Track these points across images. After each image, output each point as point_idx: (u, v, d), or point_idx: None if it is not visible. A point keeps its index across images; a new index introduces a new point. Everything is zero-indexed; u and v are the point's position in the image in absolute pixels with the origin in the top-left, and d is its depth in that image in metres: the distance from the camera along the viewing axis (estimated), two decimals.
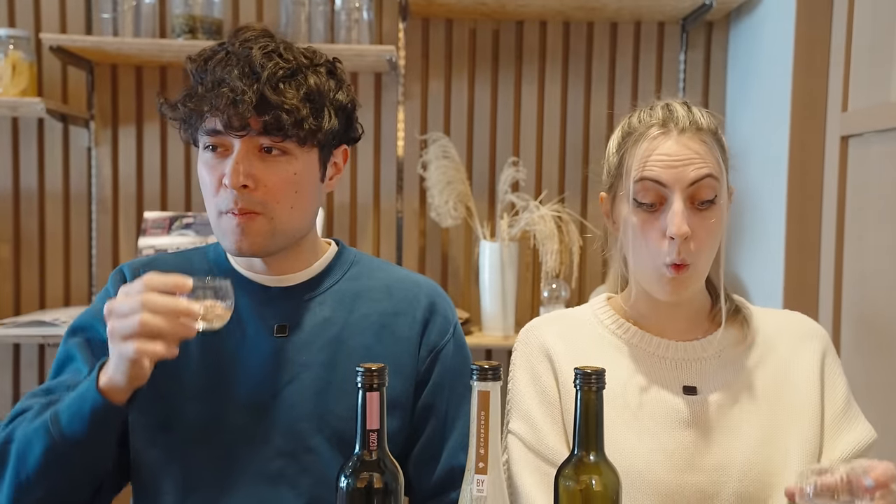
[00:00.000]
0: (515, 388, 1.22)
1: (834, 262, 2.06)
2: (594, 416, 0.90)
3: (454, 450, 1.23)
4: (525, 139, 2.74)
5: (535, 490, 1.14)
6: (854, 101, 2.03)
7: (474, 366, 0.87)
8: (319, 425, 1.18)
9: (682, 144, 1.12)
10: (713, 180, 1.11)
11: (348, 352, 1.21)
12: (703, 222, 1.12)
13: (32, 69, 2.48)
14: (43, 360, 2.70)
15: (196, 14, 2.45)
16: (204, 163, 1.16)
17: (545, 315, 1.29)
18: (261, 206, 1.13)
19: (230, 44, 1.15)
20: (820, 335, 1.24)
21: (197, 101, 1.12)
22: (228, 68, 1.11)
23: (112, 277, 1.27)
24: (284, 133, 1.11)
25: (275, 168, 1.14)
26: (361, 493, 0.90)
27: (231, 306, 1.06)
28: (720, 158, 1.14)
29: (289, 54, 1.14)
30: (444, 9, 2.59)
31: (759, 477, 1.12)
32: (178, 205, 2.71)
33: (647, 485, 1.12)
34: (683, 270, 1.12)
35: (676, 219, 1.09)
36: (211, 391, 1.18)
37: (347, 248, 1.32)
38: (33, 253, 2.70)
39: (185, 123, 1.17)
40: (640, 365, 1.19)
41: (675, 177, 1.11)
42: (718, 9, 2.50)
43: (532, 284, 2.75)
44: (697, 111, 1.17)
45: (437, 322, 1.26)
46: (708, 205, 1.12)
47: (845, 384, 1.21)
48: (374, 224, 2.74)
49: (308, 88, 1.13)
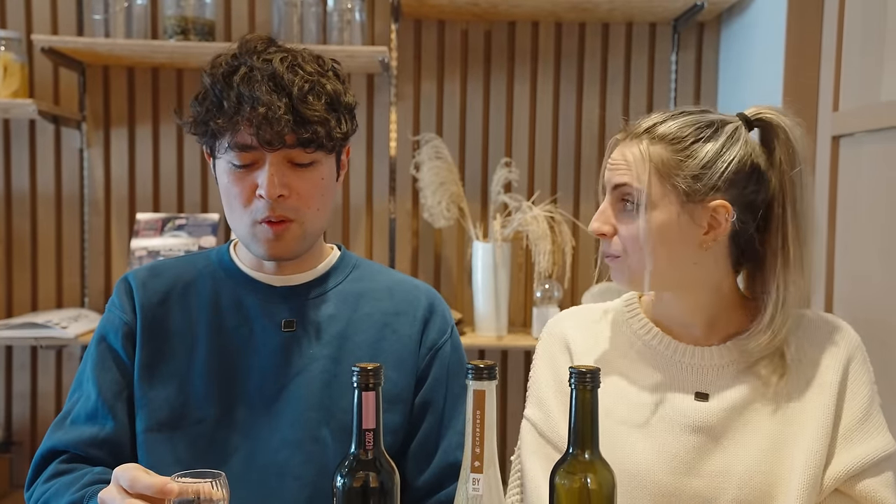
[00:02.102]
0: (535, 375, 1.26)
1: (825, 261, 2.06)
2: (589, 414, 0.91)
3: (450, 446, 1.26)
4: (517, 140, 2.74)
5: (542, 476, 1.14)
6: (845, 102, 2.04)
7: (470, 365, 0.88)
8: (326, 417, 1.21)
9: (621, 150, 1.16)
10: (628, 188, 1.14)
11: (353, 347, 1.25)
12: (625, 223, 1.15)
13: (24, 70, 2.47)
14: (35, 362, 2.69)
15: (188, 15, 2.45)
16: (230, 175, 1.19)
17: (575, 307, 1.33)
18: (293, 213, 1.18)
19: (248, 58, 1.16)
20: (847, 338, 1.19)
21: (227, 117, 1.14)
22: (257, 84, 1.13)
23: (117, 288, 1.30)
24: (318, 145, 1.16)
25: (306, 176, 1.18)
26: (357, 492, 0.91)
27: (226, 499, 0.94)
28: (645, 168, 1.12)
29: (307, 65, 1.18)
30: (436, 10, 2.59)
31: (759, 486, 1.11)
32: (170, 206, 2.71)
33: (647, 486, 1.12)
34: (612, 261, 1.18)
35: (595, 216, 1.18)
36: (220, 388, 1.22)
37: (349, 253, 1.37)
38: (25, 255, 2.70)
39: (211, 140, 1.19)
40: (655, 366, 1.19)
41: (606, 179, 1.18)
42: (710, 9, 2.51)
43: (525, 285, 2.75)
44: (672, 122, 1.14)
45: (437, 322, 1.31)
46: (630, 208, 1.14)
47: (868, 393, 1.16)
48: (366, 225, 2.74)
49: (328, 97, 1.17)
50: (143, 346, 1.23)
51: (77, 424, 1.22)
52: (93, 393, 1.22)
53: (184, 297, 1.26)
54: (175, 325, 1.25)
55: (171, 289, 1.27)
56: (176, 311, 1.25)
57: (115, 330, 1.25)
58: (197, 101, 1.19)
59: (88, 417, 1.22)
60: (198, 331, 1.24)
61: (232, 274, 1.28)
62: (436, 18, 2.71)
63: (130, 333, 1.24)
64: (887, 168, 1.82)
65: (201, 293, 1.26)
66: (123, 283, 1.29)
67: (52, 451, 1.22)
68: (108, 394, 1.22)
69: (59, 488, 1.15)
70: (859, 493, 1.11)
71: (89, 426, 1.21)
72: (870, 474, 1.11)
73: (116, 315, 1.26)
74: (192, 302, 1.26)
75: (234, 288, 1.26)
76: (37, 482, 1.20)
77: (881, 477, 1.12)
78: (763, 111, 1.16)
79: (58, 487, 1.15)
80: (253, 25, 2.69)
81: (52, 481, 1.18)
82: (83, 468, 1.18)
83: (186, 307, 1.26)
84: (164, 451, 1.20)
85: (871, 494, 1.10)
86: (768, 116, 1.15)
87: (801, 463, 1.11)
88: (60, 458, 1.21)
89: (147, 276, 1.28)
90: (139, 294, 1.26)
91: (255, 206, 1.18)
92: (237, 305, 1.25)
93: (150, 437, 1.21)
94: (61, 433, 1.22)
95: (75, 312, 2.56)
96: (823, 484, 1.11)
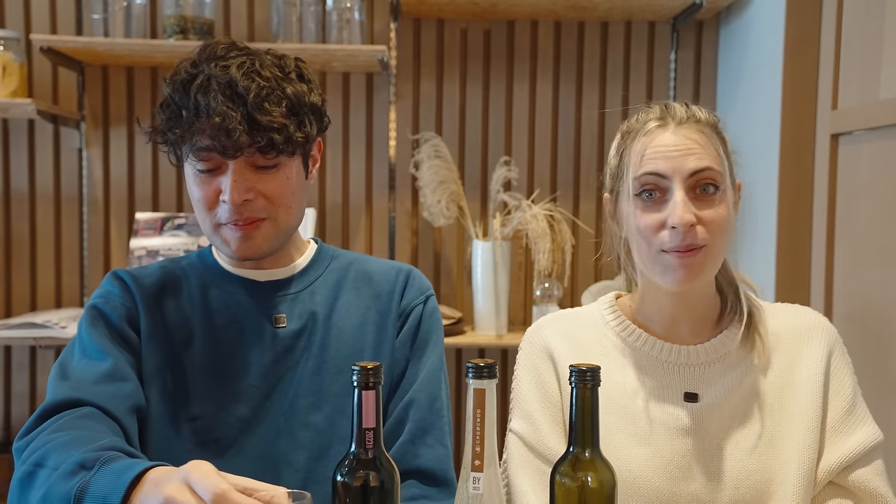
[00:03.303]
0: (518, 387, 1.22)
1: (825, 259, 2.07)
2: (590, 412, 0.90)
3: (416, 386, 1.26)
4: (517, 138, 2.74)
5: (532, 491, 1.14)
6: (844, 100, 2.04)
7: (469, 363, 0.88)
8: (318, 402, 1.23)
9: (680, 135, 1.11)
10: (714, 172, 1.10)
11: (338, 332, 1.27)
12: (709, 209, 1.10)
13: (23, 70, 2.47)
14: (34, 362, 2.69)
15: (187, 14, 2.44)
16: (195, 180, 1.20)
17: (552, 314, 1.29)
18: (264, 212, 1.19)
19: (206, 66, 1.16)
20: (827, 331, 1.20)
21: (184, 127, 1.15)
22: (213, 93, 1.13)
23: (110, 281, 1.26)
24: (277, 150, 1.16)
25: (270, 178, 1.19)
26: (358, 491, 0.91)
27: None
28: (721, 150, 1.13)
29: (265, 70, 1.17)
30: (435, 9, 2.59)
31: (755, 484, 1.11)
32: (169, 205, 2.71)
33: (643, 492, 1.12)
34: (693, 255, 1.09)
35: (678, 209, 1.07)
36: (216, 385, 1.22)
37: (326, 245, 1.39)
38: (24, 255, 2.70)
39: (173, 147, 1.20)
40: (642, 369, 1.18)
41: (674, 167, 1.09)
42: (709, 8, 2.51)
43: (524, 283, 2.75)
44: (696, 107, 1.16)
45: (411, 292, 1.33)
46: (713, 193, 1.10)
47: (852, 384, 1.17)
48: (366, 224, 2.74)
49: (289, 101, 1.17)
50: (146, 338, 1.22)
51: (91, 381, 1.12)
52: (107, 359, 1.16)
53: (175, 295, 1.27)
54: (170, 321, 1.24)
55: (162, 286, 1.27)
56: (170, 307, 1.25)
57: (118, 315, 1.21)
58: (161, 109, 1.19)
59: (107, 375, 1.14)
60: (193, 327, 1.24)
61: (217, 272, 1.29)
62: (435, 17, 2.71)
63: (133, 320, 1.23)
64: (886, 166, 1.82)
65: (191, 291, 1.27)
66: (115, 277, 1.27)
67: (68, 402, 1.10)
68: (123, 363, 1.17)
69: (67, 441, 1.01)
70: (852, 483, 1.12)
71: (107, 383, 1.13)
72: (861, 464, 1.12)
73: (117, 302, 1.23)
74: (184, 300, 1.26)
75: (221, 285, 1.28)
76: (40, 431, 1.06)
77: (872, 466, 1.13)
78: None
79: (66, 440, 1.01)
80: (252, 24, 2.69)
81: (57, 432, 1.04)
82: (100, 429, 1.06)
83: (179, 304, 1.26)
84: (160, 444, 1.19)
85: (864, 484, 1.12)
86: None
87: (795, 458, 1.11)
88: (73, 412, 1.09)
89: (136, 274, 1.28)
90: (135, 286, 1.25)
91: (219, 209, 1.19)
92: (226, 303, 1.26)
93: (148, 431, 1.20)
94: (74, 389, 1.11)
95: (74, 312, 2.56)
96: (817, 477, 1.12)
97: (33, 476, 0.99)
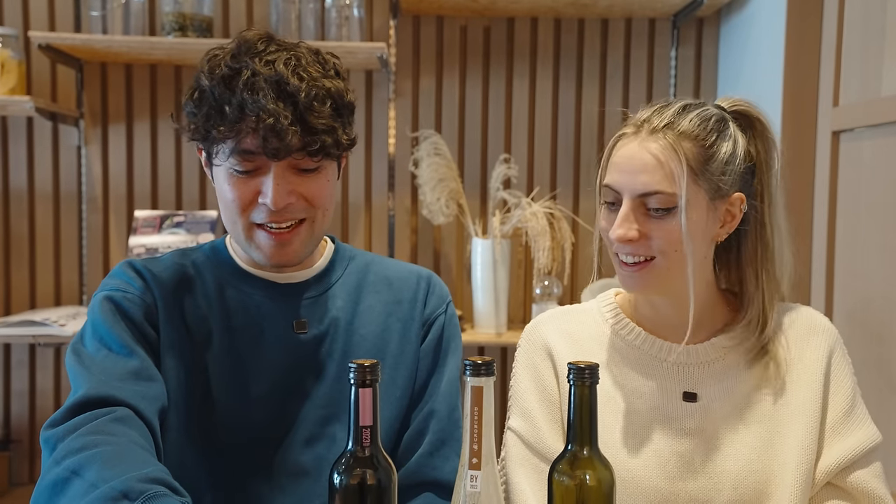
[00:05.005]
0: (517, 385, 1.22)
1: (826, 256, 2.06)
2: (588, 410, 0.90)
3: (437, 397, 1.25)
4: (516, 136, 2.73)
5: (530, 489, 1.14)
6: (845, 97, 2.03)
7: (467, 361, 0.87)
8: (338, 412, 1.20)
9: (643, 148, 1.09)
10: (662, 196, 1.07)
11: (359, 340, 1.24)
12: (658, 226, 1.08)
13: (21, 67, 2.46)
14: (34, 360, 2.69)
15: (186, 11, 2.44)
16: (229, 180, 1.14)
17: (551, 311, 1.28)
18: (304, 213, 1.16)
19: (248, 60, 1.10)
20: (827, 332, 1.19)
21: (228, 125, 1.09)
22: (262, 91, 1.07)
23: (124, 271, 1.20)
24: (324, 153, 1.12)
25: (311, 181, 1.15)
26: (354, 489, 0.90)
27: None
28: (685, 169, 1.07)
29: (310, 67, 1.12)
30: (434, 6, 2.59)
31: (754, 484, 1.11)
32: (168, 203, 2.70)
33: (641, 492, 1.11)
34: (636, 269, 1.11)
35: (616, 223, 1.09)
36: (233, 391, 1.18)
37: (342, 244, 1.34)
38: (23, 252, 2.69)
39: (208, 144, 1.14)
40: (640, 368, 1.17)
41: (624, 182, 1.09)
42: (709, 5, 2.51)
43: (524, 281, 2.75)
44: (689, 115, 1.10)
45: (433, 301, 1.31)
46: (662, 213, 1.08)
47: (851, 385, 1.16)
48: (365, 222, 2.73)
49: (332, 100, 1.13)
50: (164, 338, 1.16)
51: (118, 377, 1.08)
52: (133, 356, 1.11)
53: (191, 292, 1.20)
54: (188, 321, 1.18)
55: (178, 282, 1.20)
56: (188, 305, 1.19)
57: (138, 312, 1.15)
58: (193, 103, 1.12)
59: (135, 373, 1.09)
60: (211, 327, 1.19)
61: (232, 270, 1.24)
62: (434, 14, 2.70)
63: (152, 318, 1.16)
64: (887, 163, 1.82)
65: (207, 289, 1.21)
66: (132, 269, 1.20)
67: (102, 399, 1.05)
68: (148, 363, 1.12)
69: (109, 456, 0.95)
70: (851, 484, 1.11)
71: (135, 382, 1.08)
72: (860, 466, 1.12)
73: (136, 297, 1.16)
74: (199, 297, 1.20)
75: (237, 285, 1.22)
76: (74, 427, 1.01)
77: (871, 468, 1.12)
78: (738, 103, 1.15)
79: (108, 454, 0.95)
80: (251, 21, 2.68)
81: (94, 436, 0.99)
82: (140, 442, 1.02)
83: (196, 303, 1.20)
84: (173, 450, 1.14)
85: (862, 486, 1.11)
86: (745, 109, 1.15)
87: (793, 459, 1.11)
88: (108, 413, 1.03)
89: (152, 268, 1.21)
90: (153, 282, 1.18)
91: (255, 210, 1.14)
92: (244, 304, 1.21)
93: (167, 436, 1.15)
94: (106, 385, 1.06)
95: (74, 310, 2.55)
96: (815, 478, 1.12)
97: (68, 483, 0.94)
